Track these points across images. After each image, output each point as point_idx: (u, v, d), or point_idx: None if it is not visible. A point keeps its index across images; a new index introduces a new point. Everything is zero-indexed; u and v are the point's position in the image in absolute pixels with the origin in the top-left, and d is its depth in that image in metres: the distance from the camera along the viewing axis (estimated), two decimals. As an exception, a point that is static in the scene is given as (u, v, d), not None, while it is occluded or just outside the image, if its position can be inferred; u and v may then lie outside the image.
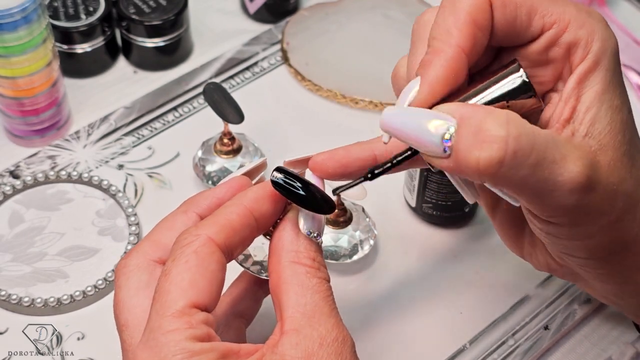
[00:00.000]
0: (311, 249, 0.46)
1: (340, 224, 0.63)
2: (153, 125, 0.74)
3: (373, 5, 0.82)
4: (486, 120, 0.41)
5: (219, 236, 0.45)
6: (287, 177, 0.45)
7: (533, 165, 0.41)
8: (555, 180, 0.42)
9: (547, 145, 0.42)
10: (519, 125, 0.41)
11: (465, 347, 0.61)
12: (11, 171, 0.70)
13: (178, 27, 0.77)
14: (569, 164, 0.42)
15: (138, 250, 0.47)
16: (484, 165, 0.41)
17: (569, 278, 0.54)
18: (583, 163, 0.43)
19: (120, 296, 0.46)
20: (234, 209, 0.46)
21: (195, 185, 0.69)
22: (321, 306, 0.44)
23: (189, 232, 0.45)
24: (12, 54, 0.65)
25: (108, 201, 0.68)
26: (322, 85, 0.76)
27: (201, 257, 0.44)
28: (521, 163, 0.41)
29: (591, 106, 0.45)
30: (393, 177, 0.69)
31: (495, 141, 0.41)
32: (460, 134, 0.41)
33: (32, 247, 0.65)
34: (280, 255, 0.46)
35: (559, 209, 0.44)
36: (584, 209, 0.44)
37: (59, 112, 0.72)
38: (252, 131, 0.71)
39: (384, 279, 0.64)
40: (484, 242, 0.66)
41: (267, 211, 0.46)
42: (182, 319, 0.42)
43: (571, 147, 0.43)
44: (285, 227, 0.47)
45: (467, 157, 0.41)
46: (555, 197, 0.43)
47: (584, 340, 0.62)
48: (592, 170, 0.43)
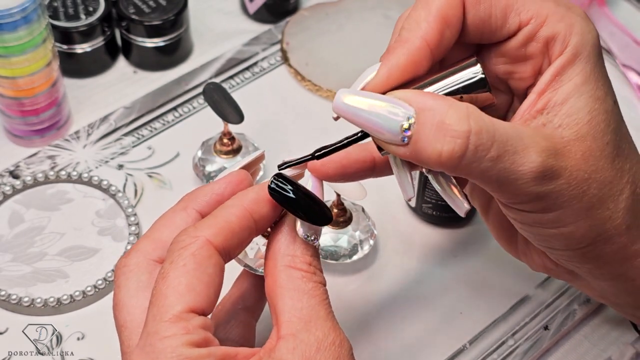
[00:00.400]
0: (307, 253, 0.46)
1: (340, 224, 0.63)
2: (153, 125, 0.74)
3: (373, 5, 0.82)
4: (448, 113, 0.42)
5: (217, 238, 0.44)
6: (285, 186, 0.45)
7: (494, 158, 0.43)
8: (517, 170, 0.43)
9: (508, 138, 0.43)
10: (480, 119, 0.42)
11: (465, 347, 0.61)
12: (11, 171, 0.70)
13: (178, 27, 0.77)
14: (531, 154, 0.43)
15: (138, 250, 0.47)
16: (446, 158, 0.42)
17: (565, 278, 0.54)
18: (546, 153, 0.44)
19: (120, 296, 0.46)
20: (234, 211, 0.45)
21: (195, 185, 0.69)
22: (317, 310, 0.44)
23: (187, 233, 0.45)
24: (12, 54, 0.65)
25: (108, 201, 0.68)
26: (322, 85, 0.76)
27: (199, 260, 0.43)
28: (482, 157, 0.42)
29: (569, 97, 0.45)
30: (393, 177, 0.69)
31: (457, 136, 0.42)
32: (421, 125, 0.42)
33: (32, 247, 0.65)
34: (276, 259, 0.46)
35: (524, 196, 0.45)
36: (551, 195, 0.45)
37: (58, 112, 0.72)
38: (251, 131, 0.71)
39: (384, 279, 0.64)
40: (483, 242, 0.66)
41: (267, 213, 0.46)
42: (179, 324, 0.42)
43: (535, 138, 0.44)
44: (282, 231, 0.46)
45: (427, 148, 0.42)
46: (519, 186, 0.44)
47: (584, 341, 0.62)
48: (555, 159, 0.44)
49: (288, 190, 0.45)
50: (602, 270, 0.50)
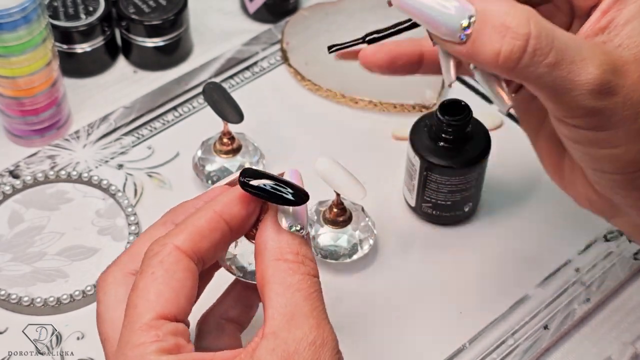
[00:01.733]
0: (294, 242, 0.45)
1: (339, 223, 0.63)
2: (153, 125, 0.74)
3: (373, 5, 0.82)
4: (509, 15, 0.42)
5: (186, 243, 0.44)
6: (254, 176, 0.45)
7: (551, 64, 0.43)
8: (573, 80, 0.43)
9: (567, 47, 0.43)
10: (540, 23, 0.42)
11: (464, 347, 0.61)
12: (11, 171, 0.70)
13: (178, 27, 0.77)
14: (589, 66, 0.43)
15: (116, 264, 0.48)
16: (503, 59, 0.42)
17: (607, 214, 0.53)
18: (604, 67, 0.44)
19: (100, 310, 0.46)
20: (202, 214, 0.45)
21: (195, 184, 0.69)
22: (301, 306, 0.43)
23: (156, 242, 0.45)
24: (12, 53, 0.65)
25: (108, 201, 0.68)
26: (321, 85, 0.76)
27: (166, 267, 0.43)
28: (539, 62, 0.43)
29: (631, 19, 0.45)
30: (393, 177, 0.70)
31: (517, 37, 0.42)
32: (481, 24, 0.43)
33: (31, 247, 0.65)
34: (263, 254, 0.45)
35: (579, 109, 0.45)
36: (605, 112, 0.45)
37: (58, 112, 0.72)
38: (251, 131, 0.71)
39: (384, 279, 0.64)
40: (483, 242, 0.66)
41: (239, 213, 0.46)
42: (150, 333, 0.42)
43: (595, 51, 0.44)
44: (266, 226, 0.45)
45: (486, 48, 0.43)
46: (574, 97, 0.44)
47: (584, 340, 0.62)
48: (613, 76, 0.44)
49: (258, 177, 0.44)
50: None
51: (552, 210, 0.68)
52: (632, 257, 0.65)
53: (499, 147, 0.69)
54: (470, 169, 0.63)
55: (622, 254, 0.66)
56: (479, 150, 0.63)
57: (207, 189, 0.52)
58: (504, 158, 0.71)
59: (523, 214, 0.68)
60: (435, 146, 0.63)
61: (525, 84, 0.45)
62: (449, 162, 0.62)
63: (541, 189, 0.69)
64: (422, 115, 0.66)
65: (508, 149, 0.71)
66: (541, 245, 0.66)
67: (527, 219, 0.68)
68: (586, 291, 0.64)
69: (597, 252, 0.66)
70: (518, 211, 0.68)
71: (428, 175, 0.64)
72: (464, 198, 0.65)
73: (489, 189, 0.69)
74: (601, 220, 0.67)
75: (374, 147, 0.72)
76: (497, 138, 0.67)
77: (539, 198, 0.69)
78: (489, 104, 0.75)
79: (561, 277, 0.64)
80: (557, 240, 0.66)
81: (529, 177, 0.70)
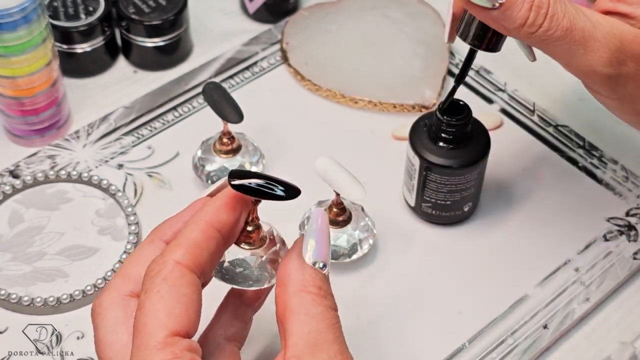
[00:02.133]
0: (317, 277, 0.46)
1: (339, 223, 0.63)
2: (153, 125, 0.74)
3: (372, 5, 0.82)
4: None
5: (186, 257, 0.44)
6: (243, 177, 0.46)
7: (565, 28, 0.50)
8: (586, 59, 0.51)
9: (584, 32, 0.51)
10: (565, 6, 0.50)
11: (464, 346, 0.61)
12: (11, 171, 0.70)
13: (178, 27, 0.77)
14: (601, 53, 0.51)
15: (109, 287, 0.47)
16: (528, 26, 0.50)
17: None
18: (610, 49, 0.51)
19: (100, 335, 0.46)
20: (194, 226, 0.46)
21: (194, 184, 0.69)
22: (325, 334, 0.44)
23: (155, 261, 0.45)
24: (12, 53, 0.65)
25: (108, 201, 0.68)
26: (321, 85, 0.76)
27: (171, 283, 0.43)
28: (556, 25, 0.50)
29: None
30: (393, 177, 0.70)
31: (542, 6, 0.50)
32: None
33: (31, 247, 0.65)
34: (287, 284, 0.46)
35: (595, 77, 0.52)
36: (624, 75, 0.52)
37: (58, 112, 0.72)
38: (251, 131, 0.71)
39: (383, 278, 0.64)
40: (483, 242, 0.67)
41: (228, 219, 0.46)
42: (167, 350, 0.42)
43: (603, 26, 0.51)
44: (291, 258, 0.47)
45: (514, 15, 0.50)
46: (589, 70, 0.52)
47: (583, 340, 0.62)
48: (618, 52, 0.51)
49: (249, 178, 0.45)
50: None
51: (552, 210, 0.68)
52: (631, 256, 0.65)
53: (499, 147, 0.70)
54: (470, 169, 0.63)
55: (622, 253, 0.66)
56: (478, 150, 0.63)
57: (207, 188, 0.52)
58: (503, 158, 0.71)
59: (522, 213, 0.68)
60: (434, 146, 0.63)
61: (547, 52, 0.52)
62: (449, 162, 0.62)
63: (541, 189, 0.70)
64: (422, 115, 0.66)
65: (508, 149, 0.71)
66: (541, 244, 0.66)
67: (526, 219, 0.68)
68: (585, 291, 0.64)
69: (596, 251, 0.66)
70: (517, 211, 0.68)
71: (428, 175, 0.64)
72: (463, 198, 0.65)
73: (489, 189, 0.69)
74: (601, 220, 0.68)
75: (374, 147, 0.73)
76: (497, 138, 0.67)
77: (539, 198, 0.69)
78: (488, 104, 0.75)
79: (561, 277, 0.64)
80: (557, 240, 0.66)
81: (528, 177, 0.70)
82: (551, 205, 0.68)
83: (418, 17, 0.81)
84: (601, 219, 0.68)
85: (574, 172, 0.71)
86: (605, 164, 0.71)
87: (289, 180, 0.47)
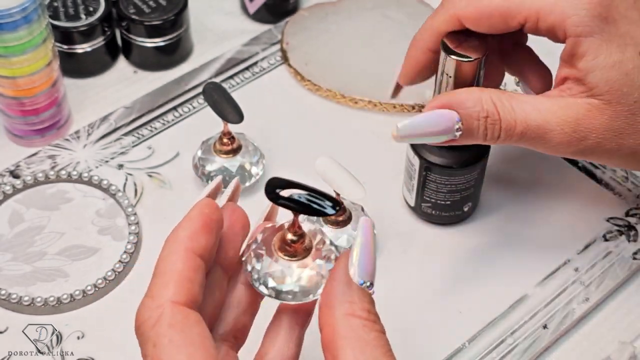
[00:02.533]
0: (365, 299, 0.43)
1: (339, 223, 0.63)
2: (153, 125, 0.74)
3: (372, 5, 0.82)
4: (480, 104, 0.54)
5: (179, 295, 0.41)
6: (282, 186, 0.42)
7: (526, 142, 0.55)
8: (549, 148, 0.54)
9: (537, 125, 0.54)
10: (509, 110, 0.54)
11: (464, 346, 0.61)
12: (11, 171, 0.70)
13: (178, 27, 0.77)
14: (557, 137, 0.54)
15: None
16: (489, 139, 0.55)
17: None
18: (566, 132, 0.53)
19: None
20: (176, 258, 0.42)
21: (195, 184, 0.69)
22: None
23: (146, 308, 0.41)
24: (12, 54, 0.65)
25: (108, 201, 0.68)
26: (321, 85, 0.76)
27: (180, 328, 0.40)
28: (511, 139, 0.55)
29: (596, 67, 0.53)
30: (392, 176, 0.70)
31: (495, 123, 0.54)
32: (467, 120, 0.54)
33: (32, 247, 0.65)
34: (333, 306, 0.43)
35: (565, 155, 0.56)
36: (590, 147, 0.54)
37: (59, 112, 0.72)
38: (251, 131, 0.71)
39: (383, 278, 0.64)
40: (482, 242, 0.67)
41: (206, 242, 0.43)
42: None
43: (555, 114, 0.53)
44: (336, 277, 0.44)
45: (474, 136, 0.54)
46: (556, 153, 0.55)
47: (583, 340, 0.62)
48: (575, 132, 0.53)
49: (287, 187, 0.42)
50: None
51: (552, 210, 0.68)
52: (631, 256, 0.66)
53: (499, 147, 0.70)
54: (470, 169, 0.63)
55: (621, 253, 0.66)
56: (478, 150, 0.63)
57: (203, 189, 0.50)
58: (503, 158, 0.71)
59: (522, 213, 0.68)
60: (434, 146, 0.63)
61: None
62: (449, 162, 0.63)
63: (541, 189, 0.70)
64: (422, 115, 0.66)
65: (508, 149, 0.71)
66: (540, 244, 0.66)
67: (526, 219, 0.68)
68: (585, 291, 0.64)
69: (596, 251, 0.66)
70: (517, 211, 0.68)
71: (427, 175, 0.64)
72: (463, 198, 0.65)
73: (489, 188, 0.69)
74: (600, 220, 0.68)
75: (374, 147, 0.73)
76: (496, 138, 0.67)
77: (539, 198, 0.69)
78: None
79: (560, 277, 0.64)
80: (556, 239, 0.66)
81: (528, 177, 0.70)
82: (551, 205, 0.68)
83: (418, 17, 0.81)
84: (601, 219, 0.68)
85: (573, 172, 0.71)
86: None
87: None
